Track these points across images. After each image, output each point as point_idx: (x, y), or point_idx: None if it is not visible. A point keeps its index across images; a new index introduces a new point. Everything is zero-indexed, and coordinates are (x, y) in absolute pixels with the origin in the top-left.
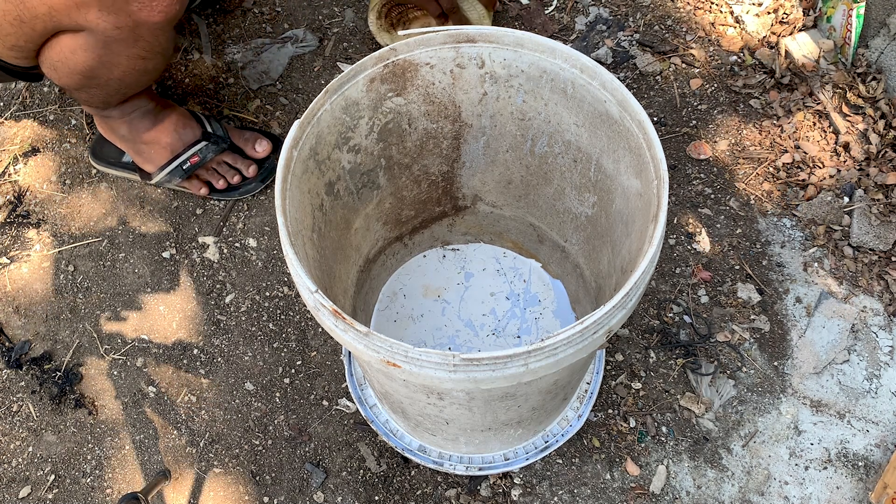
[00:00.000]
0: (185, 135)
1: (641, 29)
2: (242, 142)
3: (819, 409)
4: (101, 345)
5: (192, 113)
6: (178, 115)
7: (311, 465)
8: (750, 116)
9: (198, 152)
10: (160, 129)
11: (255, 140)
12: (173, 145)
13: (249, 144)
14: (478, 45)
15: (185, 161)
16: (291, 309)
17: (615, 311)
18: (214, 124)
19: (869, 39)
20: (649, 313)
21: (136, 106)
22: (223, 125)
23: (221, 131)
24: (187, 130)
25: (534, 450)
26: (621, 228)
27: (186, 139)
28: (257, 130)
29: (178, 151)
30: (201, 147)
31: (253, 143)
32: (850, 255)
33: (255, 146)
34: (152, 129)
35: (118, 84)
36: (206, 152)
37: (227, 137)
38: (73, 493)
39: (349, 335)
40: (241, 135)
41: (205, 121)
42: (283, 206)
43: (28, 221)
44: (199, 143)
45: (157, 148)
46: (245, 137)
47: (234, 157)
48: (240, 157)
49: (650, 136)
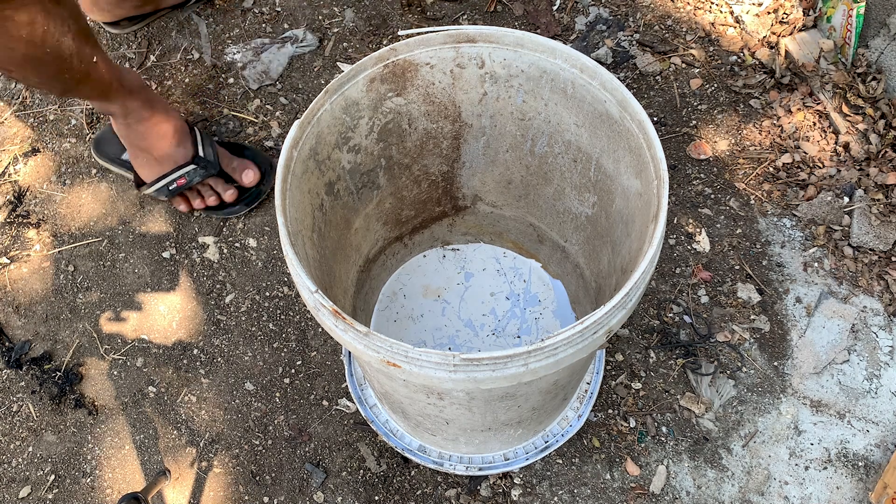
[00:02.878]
0: (177, 154)
1: (641, 29)
2: (230, 169)
3: (819, 409)
4: (101, 345)
5: (191, 128)
6: (174, 130)
7: (311, 465)
8: (750, 116)
9: (185, 175)
10: (154, 142)
11: (244, 170)
12: (164, 162)
13: (237, 173)
14: (478, 45)
15: (171, 182)
16: (291, 309)
17: (615, 311)
18: (207, 148)
19: (869, 39)
20: (649, 313)
21: (130, 110)
22: (215, 149)
23: (213, 156)
24: (180, 149)
25: (534, 450)
26: (621, 228)
27: (177, 158)
28: (250, 151)
29: (166, 171)
30: (189, 171)
31: (241, 172)
32: (851, 255)
33: (243, 176)
34: (147, 139)
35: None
36: (192, 176)
37: (216, 163)
38: (73, 493)
39: (349, 335)
40: (231, 161)
41: (199, 142)
42: (283, 206)
43: (28, 221)
44: (188, 167)
45: (150, 159)
46: (234, 165)
47: (218, 182)
48: (224, 181)
49: (650, 136)
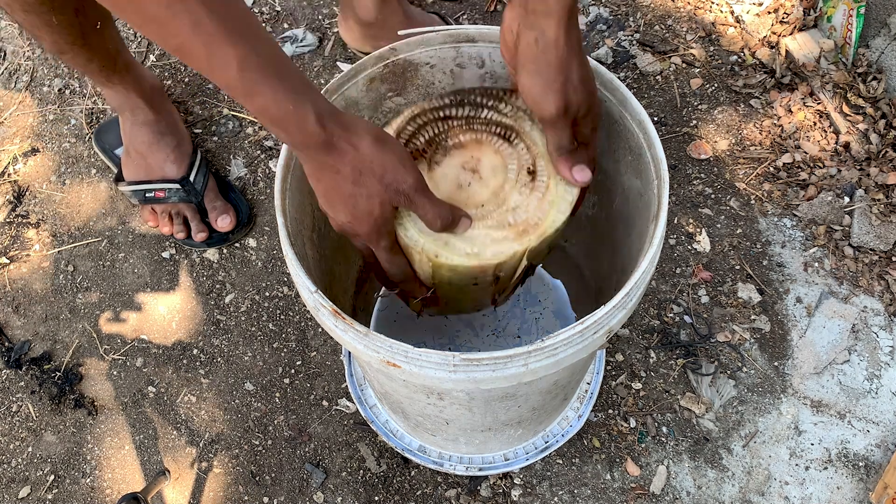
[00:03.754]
0: (168, 169)
1: (642, 29)
2: (211, 207)
3: (819, 409)
4: (100, 345)
5: (194, 150)
6: (176, 146)
7: (311, 465)
8: (750, 116)
9: (166, 190)
10: (152, 149)
11: (222, 213)
12: (152, 170)
13: (215, 213)
14: (478, 45)
15: (150, 190)
16: (291, 309)
17: (615, 312)
18: (199, 176)
19: (869, 39)
20: (649, 313)
21: (136, 107)
22: (206, 181)
23: (201, 186)
24: (173, 166)
25: (534, 450)
26: (621, 229)
27: (166, 172)
28: (236, 195)
29: (150, 179)
30: (171, 188)
31: (218, 215)
32: (851, 255)
33: (219, 220)
34: (147, 144)
35: None
36: (171, 195)
37: (200, 195)
38: (73, 493)
39: (349, 335)
40: (215, 200)
41: (195, 167)
42: (283, 206)
43: (28, 221)
44: (172, 184)
45: (141, 163)
46: (216, 204)
47: (193, 215)
48: (199, 217)
49: (650, 136)
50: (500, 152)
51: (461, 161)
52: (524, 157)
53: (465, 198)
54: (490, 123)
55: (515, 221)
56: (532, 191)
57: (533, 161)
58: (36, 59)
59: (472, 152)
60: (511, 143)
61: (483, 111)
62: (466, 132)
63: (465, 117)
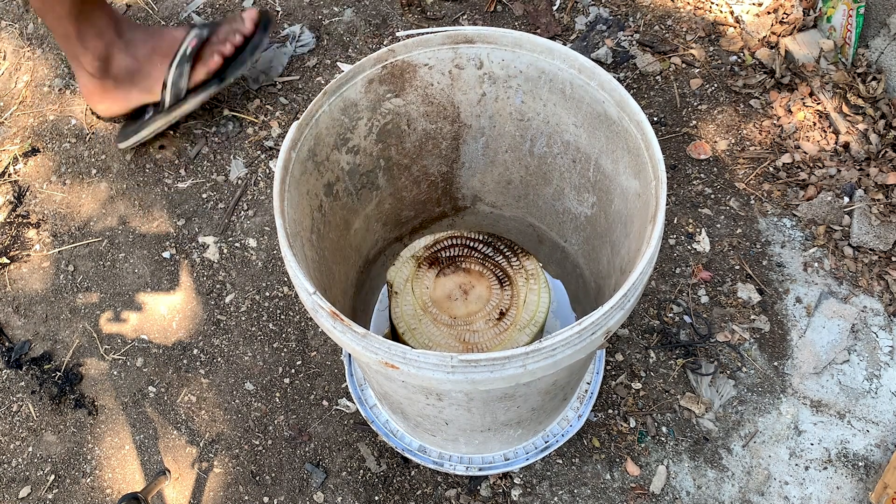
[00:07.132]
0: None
1: (641, 29)
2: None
3: (819, 409)
4: (101, 345)
5: None
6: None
7: (311, 465)
8: (750, 116)
9: (194, 37)
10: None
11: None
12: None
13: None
14: (476, 46)
15: (186, 48)
16: (291, 309)
17: (613, 312)
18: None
19: (869, 39)
20: (649, 313)
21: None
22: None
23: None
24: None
25: (534, 450)
26: (620, 229)
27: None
28: None
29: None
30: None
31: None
32: (851, 255)
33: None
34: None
35: None
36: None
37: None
38: (73, 493)
39: (347, 336)
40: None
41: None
42: (282, 207)
43: (28, 221)
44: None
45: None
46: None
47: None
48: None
49: (648, 137)
50: (490, 289)
51: (461, 281)
52: (504, 301)
53: (448, 306)
54: (497, 266)
55: (470, 340)
56: (493, 327)
57: (508, 307)
58: (36, 59)
59: (472, 278)
60: (502, 287)
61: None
62: (477, 263)
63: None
